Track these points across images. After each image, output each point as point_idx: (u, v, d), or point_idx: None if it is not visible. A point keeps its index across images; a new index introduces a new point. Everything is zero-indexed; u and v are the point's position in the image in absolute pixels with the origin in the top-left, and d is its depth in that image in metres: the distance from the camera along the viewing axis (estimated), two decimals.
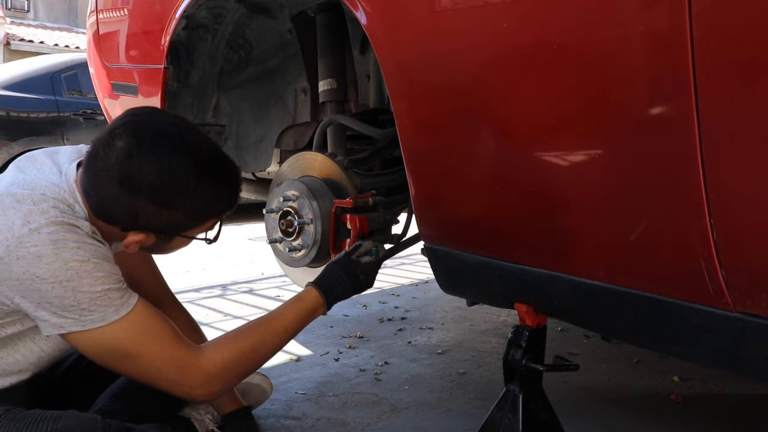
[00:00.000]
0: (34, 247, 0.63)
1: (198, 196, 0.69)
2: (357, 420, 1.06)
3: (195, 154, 0.69)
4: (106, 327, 0.66)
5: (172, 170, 0.66)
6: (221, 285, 2.11)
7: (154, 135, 0.67)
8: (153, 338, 0.69)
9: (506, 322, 1.65)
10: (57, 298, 0.64)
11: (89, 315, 0.65)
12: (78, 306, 0.64)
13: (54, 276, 0.63)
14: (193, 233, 0.74)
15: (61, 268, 0.63)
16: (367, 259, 0.87)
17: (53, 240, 0.63)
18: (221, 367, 0.71)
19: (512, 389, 0.81)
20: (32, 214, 0.64)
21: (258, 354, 0.76)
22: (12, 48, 8.80)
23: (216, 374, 0.71)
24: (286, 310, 0.80)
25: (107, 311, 0.66)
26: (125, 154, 0.66)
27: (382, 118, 1.20)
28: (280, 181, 1.11)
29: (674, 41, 0.55)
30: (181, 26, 1.16)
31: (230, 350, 0.73)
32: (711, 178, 0.55)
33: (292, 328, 0.79)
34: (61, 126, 3.30)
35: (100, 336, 0.66)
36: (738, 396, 1.15)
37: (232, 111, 1.37)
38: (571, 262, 0.71)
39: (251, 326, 0.78)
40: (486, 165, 0.76)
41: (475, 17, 0.72)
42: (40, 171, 0.72)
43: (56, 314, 0.65)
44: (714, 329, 0.60)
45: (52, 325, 0.66)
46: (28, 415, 0.70)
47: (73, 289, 0.64)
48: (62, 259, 0.63)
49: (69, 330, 0.66)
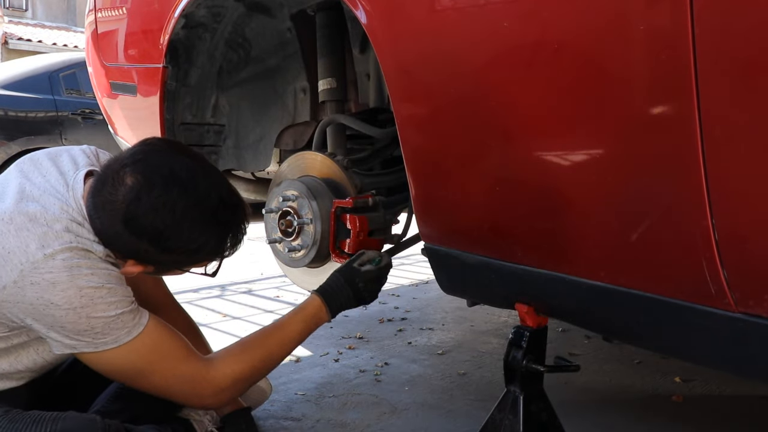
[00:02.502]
0: (48, 273, 0.63)
1: (201, 244, 0.69)
2: (357, 421, 1.05)
3: (204, 203, 0.68)
4: (118, 348, 0.68)
5: (178, 220, 0.66)
6: (220, 285, 2.10)
7: (165, 178, 0.66)
8: (164, 356, 0.71)
9: (507, 322, 1.65)
10: (71, 323, 0.65)
11: (102, 338, 0.67)
12: (92, 330, 0.66)
13: (68, 303, 0.64)
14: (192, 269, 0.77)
15: (76, 295, 0.64)
16: (368, 268, 0.87)
17: (68, 266, 0.64)
18: (231, 379, 0.75)
19: (513, 390, 0.81)
20: (47, 238, 0.65)
21: (266, 364, 0.79)
22: (10, 47, 8.78)
23: (226, 387, 0.75)
24: (291, 320, 0.82)
25: (120, 333, 0.68)
26: (133, 195, 0.65)
27: (382, 117, 1.20)
28: (280, 181, 1.10)
29: (675, 40, 0.54)
30: (180, 25, 1.16)
31: (240, 363, 0.76)
32: (712, 177, 0.54)
33: (297, 338, 0.82)
34: (60, 126, 3.29)
35: (112, 357, 0.68)
36: (739, 397, 1.15)
37: (232, 110, 1.37)
38: (572, 263, 0.70)
39: (258, 338, 0.80)
40: (486, 165, 0.76)
41: (475, 16, 0.71)
42: (47, 182, 0.71)
43: (69, 337, 0.66)
44: (715, 330, 0.60)
45: (65, 345, 0.68)
46: (27, 416, 0.70)
47: (87, 316, 0.65)
48: (77, 286, 0.64)
49: (81, 351, 0.68)
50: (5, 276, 0.64)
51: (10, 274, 0.64)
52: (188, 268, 0.76)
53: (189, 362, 0.73)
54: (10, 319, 0.67)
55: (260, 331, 0.81)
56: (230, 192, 0.73)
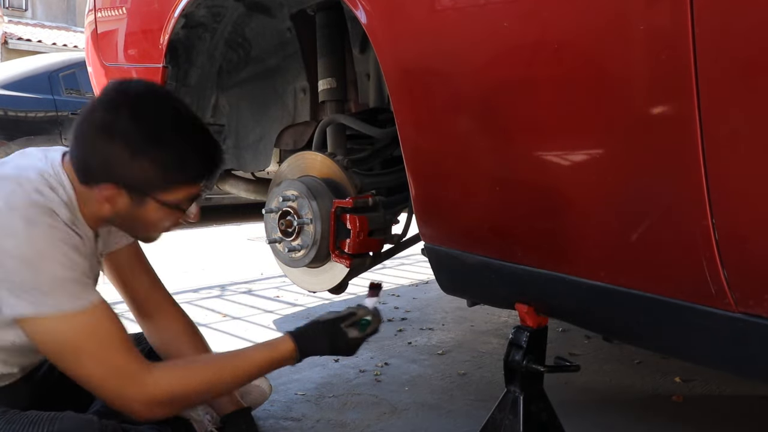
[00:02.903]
0: (8, 221, 0.64)
1: (168, 150, 0.70)
2: (357, 421, 1.05)
3: (176, 111, 0.72)
4: (57, 316, 0.65)
5: (148, 119, 0.69)
6: (220, 285, 2.10)
7: (136, 93, 0.70)
8: (101, 341, 0.67)
9: (507, 322, 1.65)
10: (18, 275, 0.64)
11: (45, 299, 0.65)
12: (38, 288, 0.64)
13: (19, 252, 0.64)
14: (166, 198, 0.72)
15: (27, 246, 0.64)
16: (354, 334, 0.82)
17: (27, 218, 0.65)
18: (165, 393, 0.70)
19: (513, 390, 0.81)
20: (14, 195, 0.66)
21: (210, 389, 0.74)
22: (10, 47, 8.77)
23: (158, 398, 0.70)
24: (254, 355, 0.78)
25: (61, 299, 0.65)
26: (106, 105, 0.69)
27: (382, 117, 1.20)
28: (280, 181, 1.10)
29: (676, 39, 0.54)
30: (180, 25, 1.16)
31: (180, 379, 0.71)
32: (713, 177, 0.54)
33: (253, 374, 0.78)
34: (59, 125, 3.29)
35: (50, 325, 0.66)
36: (739, 397, 1.15)
37: (231, 110, 1.37)
38: (573, 263, 0.70)
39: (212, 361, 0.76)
40: (487, 165, 0.76)
41: (475, 16, 0.71)
42: (27, 159, 0.74)
43: (15, 294, 0.65)
44: (715, 330, 0.60)
45: (8, 305, 0.65)
46: (25, 416, 0.69)
47: (35, 269, 0.64)
48: (31, 237, 0.64)
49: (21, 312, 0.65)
50: None
51: None
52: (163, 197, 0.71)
53: (125, 357, 0.68)
54: None
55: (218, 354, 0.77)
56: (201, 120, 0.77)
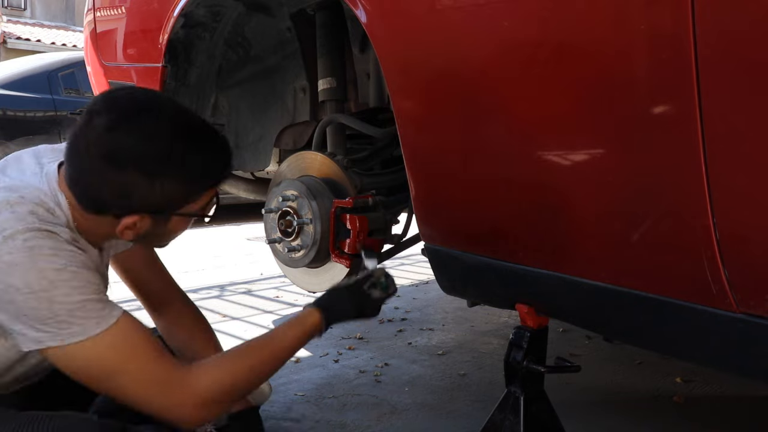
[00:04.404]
0: (8, 255, 0.59)
1: (189, 161, 0.66)
2: (357, 422, 1.05)
3: (179, 120, 0.66)
4: (86, 342, 0.62)
5: (157, 137, 0.63)
6: (219, 285, 2.10)
7: (132, 107, 0.64)
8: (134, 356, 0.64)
9: (507, 323, 1.64)
10: (32, 310, 0.60)
11: (68, 328, 0.61)
12: (55, 318, 0.60)
13: (28, 286, 0.59)
14: (190, 210, 0.69)
15: (36, 278, 0.59)
16: (377, 294, 0.84)
17: (28, 247, 0.60)
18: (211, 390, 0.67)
19: (513, 391, 0.80)
20: (8, 221, 0.61)
21: (254, 376, 0.72)
22: (8, 46, 8.76)
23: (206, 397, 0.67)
24: (286, 333, 0.76)
25: (87, 324, 0.62)
26: (105, 128, 0.62)
27: (382, 117, 1.20)
28: (279, 181, 1.10)
29: (677, 39, 0.54)
30: (180, 24, 1.15)
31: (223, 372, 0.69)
32: (714, 176, 0.54)
33: (289, 353, 0.76)
34: (58, 125, 3.28)
35: (80, 352, 0.62)
36: (740, 397, 1.15)
37: (231, 110, 1.36)
38: (573, 263, 0.70)
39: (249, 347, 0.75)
40: (487, 164, 0.76)
41: (475, 15, 0.71)
42: (22, 172, 0.69)
43: (34, 328, 0.60)
44: (717, 330, 0.59)
45: (30, 339, 0.61)
46: (23, 415, 0.69)
47: (48, 300, 0.60)
48: (37, 267, 0.60)
49: (47, 345, 0.62)
50: None
51: None
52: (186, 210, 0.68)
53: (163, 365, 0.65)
54: None
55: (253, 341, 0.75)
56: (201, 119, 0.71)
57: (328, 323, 0.79)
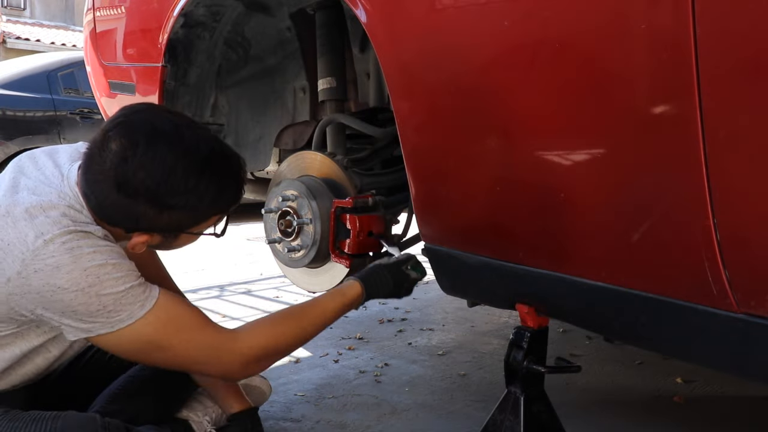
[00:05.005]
0: (51, 258, 0.62)
1: (199, 195, 0.68)
2: (357, 422, 1.05)
3: (193, 152, 0.67)
4: (134, 324, 0.66)
5: (169, 172, 0.65)
6: (219, 286, 2.09)
7: (148, 135, 0.65)
8: (183, 326, 0.69)
9: (507, 323, 1.64)
10: (82, 305, 0.64)
11: (116, 316, 0.65)
12: (104, 309, 0.64)
13: (75, 284, 0.63)
14: (199, 230, 0.73)
15: (81, 276, 0.63)
16: (414, 276, 0.89)
17: (69, 248, 0.63)
18: (258, 349, 0.72)
19: (514, 391, 0.80)
20: (44, 225, 0.64)
21: (295, 340, 0.77)
22: (8, 46, 8.76)
23: (252, 356, 0.72)
24: (327, 302, 0.80)
25: (133, 308, 0.66)
26: (119, 158, 0.64)
27: (382, 116, 1.20)
28: (279, 181, 1.10)
29: (677, 39, 0.54)
30: (179, 24, 1.15)
31: (268, 335, 0.74)
32: (714, 176, 0.54)
33: (329, 320, 0.80)
34: (58, 125, 3.28)
35: (129, 334, 0.67)
36: (741, 398, 1.15)
37: (231, 110, 1.36)
38: (573, 263, 0.70)
39: (291, 312, 0.79)
40: (487, 164, 0.76)
41: (476, 14, 0.71)
42: (43, 174, 0.71)
43: (83, 320, 0.65)
44: (717, 330, 0.59)
45: (81, 330, 0.66)
46: (27, 415, 0.69)
47: (96, 294, 0.64)
48: (81, 267, 0.63)
49: (98, 333, 0.66)
50: (8, 268, 0.63)
51: (13, 266, 0.63)
52: (196, 230, 0.72)
53: (208, 331, 0.71)
54: (19, 313, 0.66)
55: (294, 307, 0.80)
56: (220, 143, 0.72)
57: (368, 296, 0.83)
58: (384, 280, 0.85)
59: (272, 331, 0.75)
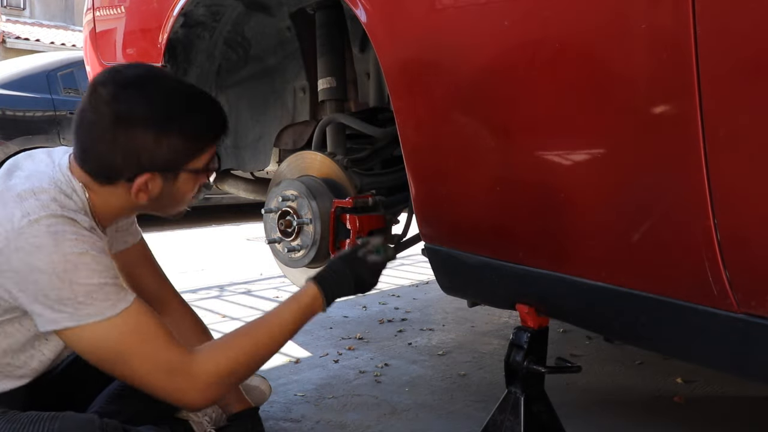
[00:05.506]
0: (33, 238, 0.63)
1: (192, 120, 0.72)
2: (357, 422, 1.05)
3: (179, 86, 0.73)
4: (101, 323, 0.65)
5: (164, 98, 0.70)
6: (219, 286, 2.09)
7: (135, 77, 0.70)
8: (147, 339, 0.68)
9: (508, 323, 1.64)
10: (53, 290, 0.63)
11: (84, 309, 0.64)
12: (74, 299, 0.64)
13: (52, 267, 0.63)
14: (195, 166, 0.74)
15: (60, 260, 0.63)
16: (374, 258, 0.81)
17: (52, 232, 0.64)
18: (214, 375, 0.70)
19: (514, 391, 0.80)
20: (32, 207, 0.65)
21: (253, 359, 0.74)
22: (8, 46, 8.75)
23: (209, 382, 0.69)
24: (282, 312, 0.77)
25: (103, 306, 0.65)
26: (112, 98, 0.68)
27: (382, 116, 1.20)
28: (279, 181, 1.10)
29: (678, 39, 0.54)
30: (179, 24, 1.15)
31: (223, 357, 0.71)
32: (715, 176, 0.54)
33: (288, 330, 0.77)
34: (58, 125, 3.28)
35: (93, 332, 0.65)
36: (741, 398, 1.15)
37: (231, 109, 1.36)
38: (574, 263, 0.70)
39: (246, 330, 0.76)
40: (487, 164, 0.76)
41: (476, 14, 0.71)
42: (35, 164, 0.73)
43: (52, 308, 0.64)
44: (717, 330, 0.59)
45: (48, 320, 0.65)
46: (25, 416, 0.69)
47: (69, 281, 0.63)
48: (61, 251, 0.63)
49: (64, 326, 0.65)
50: None
51: None
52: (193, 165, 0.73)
53: (171, 350, 0.68)
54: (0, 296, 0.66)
55: (250, 323, 0.77)
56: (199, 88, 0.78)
57: (327, 295, 0.78)
58: (341, 274, 0.79)
59: (228, 354, 0.71)
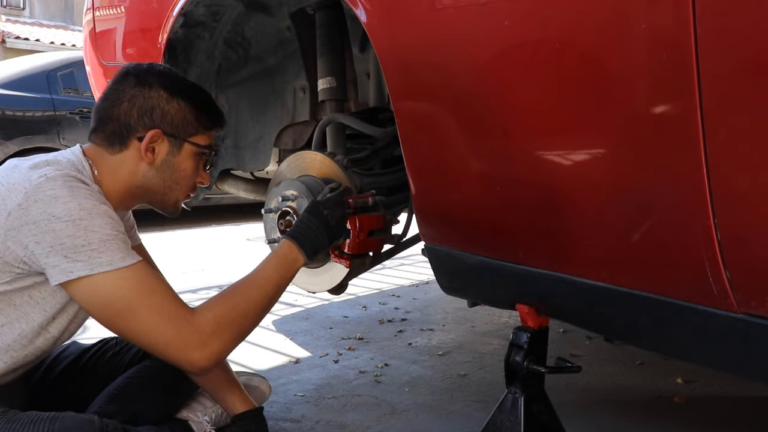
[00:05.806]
0: (51, 190, 0.69)
1: (198, 93, 0.85)
2: (356, 422, 1.05)
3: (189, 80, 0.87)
4: (112, 272, 0.69)
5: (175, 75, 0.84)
6: (219, 286, 2.09)
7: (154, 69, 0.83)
8: (154, 291, 0.71)
9: (508, 323, 1.64)
10: (69, 237, 0.67)
11: (98, 257, 0.68)
12: (88, 246, 0.68)
13: (69, 214, 0.68)
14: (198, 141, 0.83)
15: (76, 208, 0.68)
16: (328, 195, 0.89)
17: (68, 185, 0.70)
18: (214, 323, 0.72)
19: (514, 391, 0.80)
20: (48, 170, 0.71)
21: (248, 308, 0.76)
22: (7, 46, 8.76)
23: (210, 332, 0.72)
24: (263, 266, 0.82)
25: (115, 256, 0.69)
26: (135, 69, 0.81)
27: (382, 116, 1.19)
28: (279, 181, 1.10)
29: (678, 39, 0.54)
30: (179, 24, 1.15)
31: (220, 306, 0.75)
32: (715, 176, 0.54)
33: (274, 280, 0.80)
34: (57, 125, 3.28)
35: (105, 282, 0.69)
36: (741, 398, 1.15)
37: (231, 109, 1.36)
38: (574, 263, 0.70)
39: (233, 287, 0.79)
40: (487, 164, 0.76)
41: (476, 14, 0.71)
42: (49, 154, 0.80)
43: (67, 258, 0.67)
44: (717, 330, 0.59)
45: (62, 270, 0.68)
46: (25, 416, 0.69)
47: (85, 228, 0.68)
48: (77, 200, 0.69)
49: (77, 275, 0.68)
50: (10, 203, 0.69)
51: (15, 200, 0.69)
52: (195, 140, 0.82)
53: (177, 303, 0.72)
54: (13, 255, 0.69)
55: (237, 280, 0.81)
56: None
57: (300, 243, 0.83)
58: (305, 220, 0.85)
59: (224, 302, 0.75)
